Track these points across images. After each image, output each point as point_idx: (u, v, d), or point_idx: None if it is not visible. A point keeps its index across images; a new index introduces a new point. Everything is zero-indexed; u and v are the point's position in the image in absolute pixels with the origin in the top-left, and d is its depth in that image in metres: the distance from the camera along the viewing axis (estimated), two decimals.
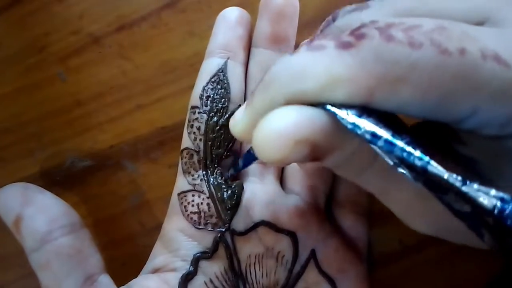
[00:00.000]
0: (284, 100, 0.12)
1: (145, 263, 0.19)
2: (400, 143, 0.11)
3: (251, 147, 0.15)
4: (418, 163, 0.10)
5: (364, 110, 0.11)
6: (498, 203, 0.10)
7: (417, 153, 0.10)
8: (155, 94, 0.22)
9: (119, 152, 0.22)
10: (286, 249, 0.18)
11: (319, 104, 0.11)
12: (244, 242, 0.18)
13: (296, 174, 0.20)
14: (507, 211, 0.10)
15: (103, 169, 0.22)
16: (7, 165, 0.22)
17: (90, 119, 0.22)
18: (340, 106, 0.11)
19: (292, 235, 0.18)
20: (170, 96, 0.22)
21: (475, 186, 0.10)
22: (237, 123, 0.14)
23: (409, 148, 0.10)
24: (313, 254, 0.19)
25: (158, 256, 0.18)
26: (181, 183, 0.19)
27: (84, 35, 0.22)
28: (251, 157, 0.15)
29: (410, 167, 0.11)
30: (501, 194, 0.10)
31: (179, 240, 0.18)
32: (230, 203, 0.18)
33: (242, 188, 0.19)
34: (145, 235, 0.21)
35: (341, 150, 0.12)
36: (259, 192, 0.19)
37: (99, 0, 0.22)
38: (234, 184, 0.19)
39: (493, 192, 0.10)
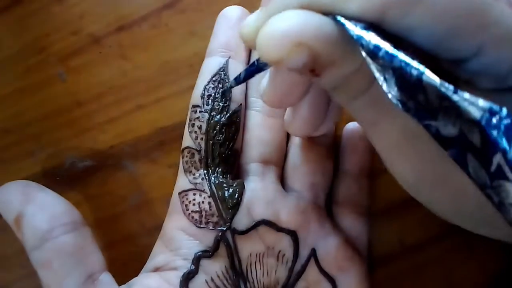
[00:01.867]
0: (298, 5, 0.12)
1: (145, 263, 0.19)
2: (400, 54, 0.11)
3: (257, 59, 0.15)
4: (414, 72, 0.10)
5: (371, 27, 0.11)
6: (487, 114, 0.10)
7: (414, 63, 0.10)
8: (155, 94, 0.22)
9: (119, 152, 0.22)
10: (287, 248, 0.18)
11: (329, 14, 0.11)
12: (245, 241, 0.18)
13: (296, 173, 0.20)
14: (494, 121, 0.10)
15: (103, 169, 0.22)
16: (8, 166, 0.22)
17: (90, 119, 0.22)
18: (350, 19, 0.11)
19: (293, 234, 0.18)
20: (170, 97, 0.22)
21: (466, 95, 0.10)
22: (248, 25, 0.13)
23: (407, 58, 0.11)
24: (313, 253, 0.19)
25: (158, 255, 0.18)
26: (182, 182, 0.19)
27: (84, 35, 0.22)
28: (253, 68, 0.15)
29: (404, 85, 0.11)
30: (489, 104, 0.10)
31: (180, 239, 0.18)
32: (231, 202, 0.18)
33: (243, 187, 0.19)
34: (145, 235, 0.21)
35: (340, 66, 0.12)
36: (260, 191, 0.19)
37: (99, 0, 0.22)
38: (235, 183, 0.19)
39: (481, 102, 0.10)
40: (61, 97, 0.22)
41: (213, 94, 0.19)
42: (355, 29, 0.11)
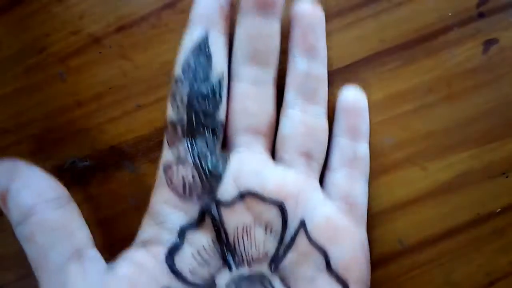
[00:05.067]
0: None
1: None
2: None
3: None
4: None
5: None
6: None
7: None
8: (155, 94, 0.22)
9: (119, 152, 0.22)
10: (275, 219, 0.18)
11: None
12: (230, 213, 0.18)
13: (287, 142, 0.19)
14: None
15: (103, 169, 0.22)
16: None
17: (90, 120, 0.22)
18: None
19: (280, 205, 0.18)
20: None
21: None
22: None
23: None
24: (302, 225, 0.18)
25: (145, 230, 0.18)
26: (166, 156, 0.19)
27: (84, 35, 0.22)
28: None
29: None
30: None
31: (165, 212, 0.18)
32: (215, 173, 0.18)
33: (228, 158, 0.18)
34: None
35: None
36: (246, 161, 0.18)
37: (99, 0, 0.22)
38: (219, 154, 0.18)
39: None
40: (61, 97, 0.22)
41: (194, 66, 0.19)
42: None
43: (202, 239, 0.18)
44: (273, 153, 0.20)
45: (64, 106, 0.22)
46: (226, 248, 0.18)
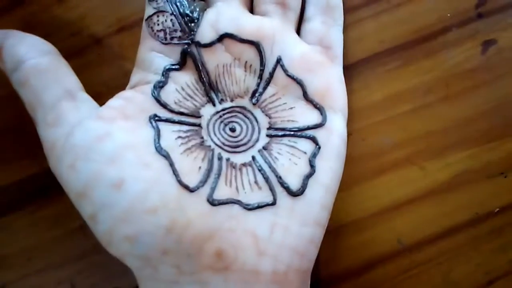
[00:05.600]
0: None
1: None
2: None
3: None
4: None
5: None
6: None
7: None
8: None
9: None
10: (253, 58, 0.19)
11: None
12: (210, 53, 0.19)
13: None
14: None
15: None
16: (7, 166, 0.22)
17: None
18: None
19: (257, 45, 0.19)
20: None
21: None
22: None
23: None
24: (279, 61, 0.19)
25: (134, 78, 0.19)
26: (147, 11, 0.20)
27: (85, 36, 0.22)
28: None
29: None
30: None
31: (150, 58, 0.19)
32: (192, 17, 0.19)
33: (205, 6, 0.20)
34: None
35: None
36: (223, 11, 0.19)
37: (100, 1, 0.22)
38: (197, 3, 0.19)
39: None
40: None
41: None
42: None
43: (185, 78, 0.19)
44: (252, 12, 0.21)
45: None
46: (209, 85, 0.19)
